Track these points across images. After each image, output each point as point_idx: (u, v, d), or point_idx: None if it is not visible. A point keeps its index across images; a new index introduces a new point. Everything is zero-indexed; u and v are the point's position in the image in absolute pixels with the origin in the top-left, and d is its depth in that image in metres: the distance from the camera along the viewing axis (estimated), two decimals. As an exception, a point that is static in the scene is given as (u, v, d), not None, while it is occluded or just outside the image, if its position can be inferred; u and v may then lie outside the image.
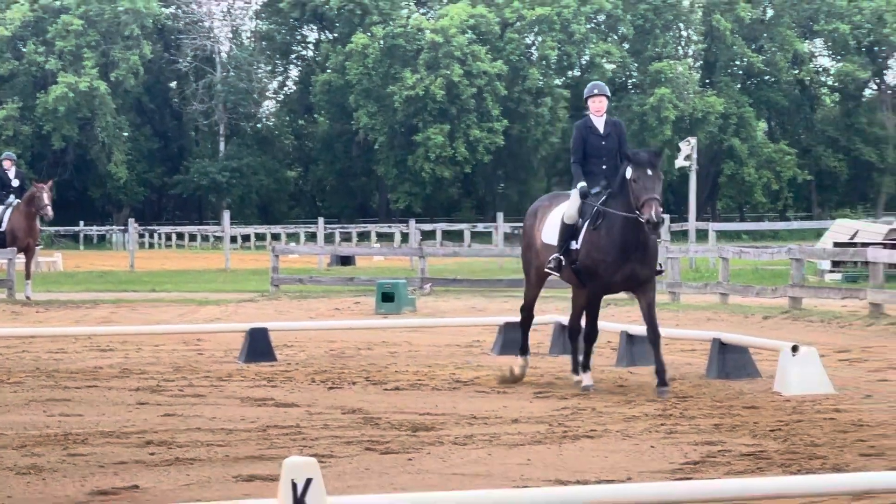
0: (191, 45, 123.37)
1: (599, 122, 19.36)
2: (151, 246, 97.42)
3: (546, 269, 20.19)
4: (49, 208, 43.21)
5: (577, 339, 19.94)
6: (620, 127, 19.76)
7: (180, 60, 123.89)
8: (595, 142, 19.13)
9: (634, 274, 19.42)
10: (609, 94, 19.90)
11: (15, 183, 44.45)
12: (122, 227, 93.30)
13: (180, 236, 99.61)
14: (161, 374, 23.44)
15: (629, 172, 18.70)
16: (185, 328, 29.56)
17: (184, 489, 13.47)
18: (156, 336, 28.82)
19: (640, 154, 18.13)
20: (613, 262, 19.08)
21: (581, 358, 20.45)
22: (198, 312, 35.85)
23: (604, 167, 19.05)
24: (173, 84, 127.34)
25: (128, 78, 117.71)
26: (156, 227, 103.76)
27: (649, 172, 17.94)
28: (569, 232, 19.35)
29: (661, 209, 18.22)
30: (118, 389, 21.41)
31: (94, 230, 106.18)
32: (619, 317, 30.95)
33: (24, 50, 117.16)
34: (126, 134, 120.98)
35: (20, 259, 42.94)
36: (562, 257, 19.49)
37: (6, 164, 45.61)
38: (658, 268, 20.70)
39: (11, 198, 43.47)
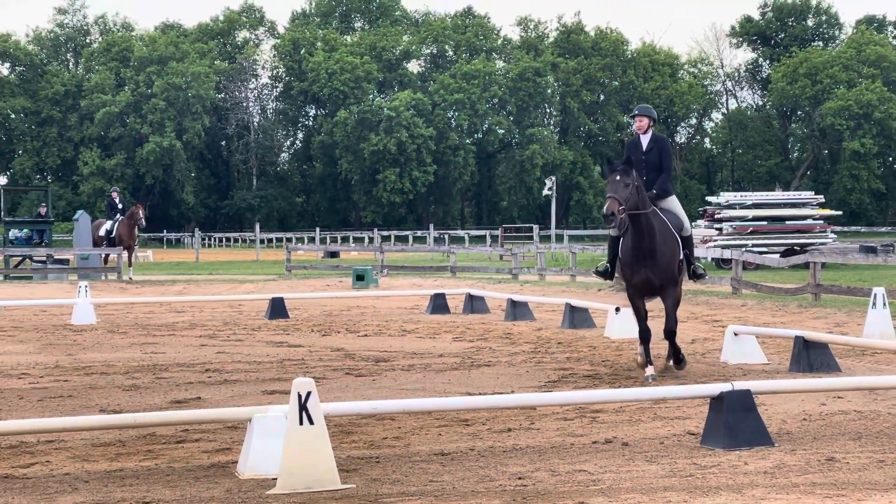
0: (234, 118, 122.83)
1: (644, 139, 15.49)
2: (209, 246, 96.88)
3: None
4: (143, 221, 43.41)
5: (645, 339, 15.01)
6: (662, 143, 15.60)
7: (227, 127, 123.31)
8: (637, 156, 15.28)
9: (649, 280, 14.86)
10: (652, 115, 15.74)
11: (120, 206, 44.80)
12: (191, 234, 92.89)
13: (228, 240, 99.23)
14: (215, 326, 23.38)
15: None
16: (230, 297, 29.46)
17: (229, 399, 13.44)
18: (212, 302, 28.77)
19: (612, 162, 14.84)
20: (630, 267, 14.92)
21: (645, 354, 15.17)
22: (239, 287, 35.72)
23: (645, 179, 15.05)
24: (223, 142, 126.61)
25: (194, 138, 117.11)
26: (212, 234, 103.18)
27: (617, 178, 14.31)
28: (615, 242, 15.29)
29: (621, 206, 14.11)
30: (188, 336, 21.34)
31: (173, 235, 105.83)
32: (506, 289, 30.92)
33: (127, 120, 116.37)
34: (193, 174, 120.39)
35: (125, 253, 42.77)
36: (608, 265, 15.58)
37: (114, 194, 46.08)
38: (687, 273, 15.61)
39: (118, 215, 43.63)
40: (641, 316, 15.20)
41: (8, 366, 16.78)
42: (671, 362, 15.64)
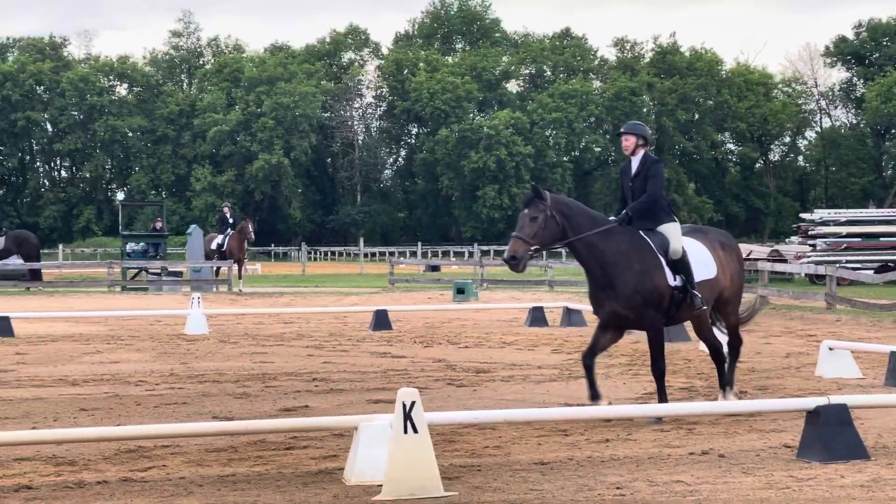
0: (339, 136, 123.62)
1: (634, 162, 13.15)
2: (315, 259, 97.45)
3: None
4: (252, 235, 43.84)
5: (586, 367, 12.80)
6: (650, 166, 13.02)
7: (333, 145, 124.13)
8: (625, 182, 13.19)
9: (617, 314, 12.64)
10: (641, 132, 13.25)
11: (230, 221, 45.12)
12: (297, 248, 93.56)
13: (333, 253, 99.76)
14: (321, 337, 23.50)
15: None
16: (336, 309, 29.61)
17: (336, 408, 13.51)
18: (318, 314, 28.92)
19: (524, 194, 12.77)
20: (593, 299, 13.01)
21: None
22: (344, 300, 35.91)
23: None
24: (328, 160, 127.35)
25: (301, 156, 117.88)
26: (318, 248, 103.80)
27: (525, 211, 12.51)
28: None
29: (529, 245, 12.35)
30: (295, 346, 21.48)
31: (280, 249, 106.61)
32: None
33: (238, 138, 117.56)
34: (299, 190, 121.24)
35: (235, 266, 43.20)
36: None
37: (225, 209, 46.49)
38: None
39: (229, 230, 44.02)
40: (589, 344, 13.18)
41: (126, 373, 17.02)
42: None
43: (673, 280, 12.71)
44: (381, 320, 25.08)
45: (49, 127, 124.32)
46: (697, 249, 13.17)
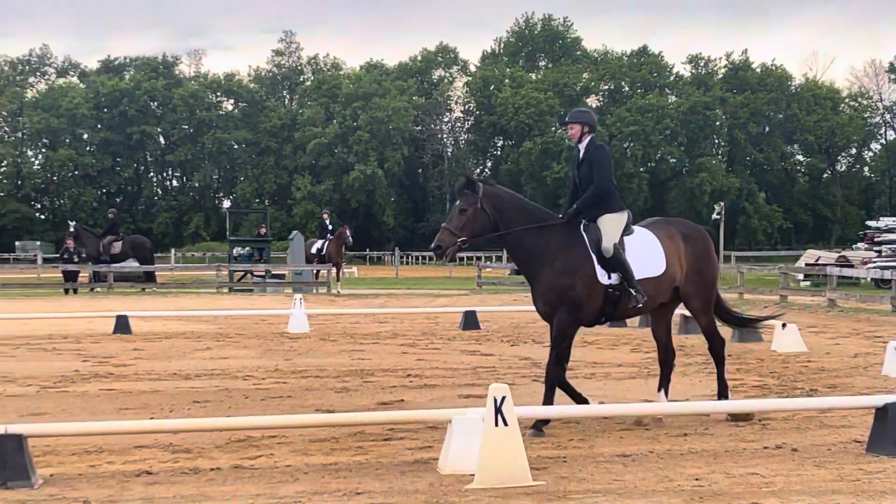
0: (430, 148, 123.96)
1: (581, 150, 11.92)
2: (407, 263, 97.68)
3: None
4: (349, 240, 44.16)
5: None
6: (596, 152, 11.78)
7: (423, 157, 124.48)
8: (573, 172, 12.02)
9: (540, 311, 11.69)
10: (585, 120, 11.86)
11: (329, 227, 45.45)
12: (391, 252, 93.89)
13: (424, 258, 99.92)
14: (414, 335, 23.54)
15: None
16: (427, 310, 29.65)
17: (429, 402, 13.53)
18: (411, 314, 28.96)
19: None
20: (532, 298, 11.82)
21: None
22: (434, 301, 35.96)
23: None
24: (419, 170, 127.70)
25: (394, 166, 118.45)
26: (409, 252, 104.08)
27: (457, 203, 11.53)
28: None
29: (457, 236, 11.35)
30: (390, 345, 21.54)
31: (375, 254, 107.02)
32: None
33: (335, 150, 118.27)
34: (392, 199, 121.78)
35: (334, 269, 43.43)
36: None
37: (325, 216, 46.89)
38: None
39: (328, 235, 44.34)
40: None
41: (234, 369, 17.18)
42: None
43: (607, 277, 11.50)
44: (471, 320, 25.07)
45: (162, 140, 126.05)
46: (647, 243, 11.89)
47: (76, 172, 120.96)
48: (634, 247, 11.79)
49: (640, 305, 11.61)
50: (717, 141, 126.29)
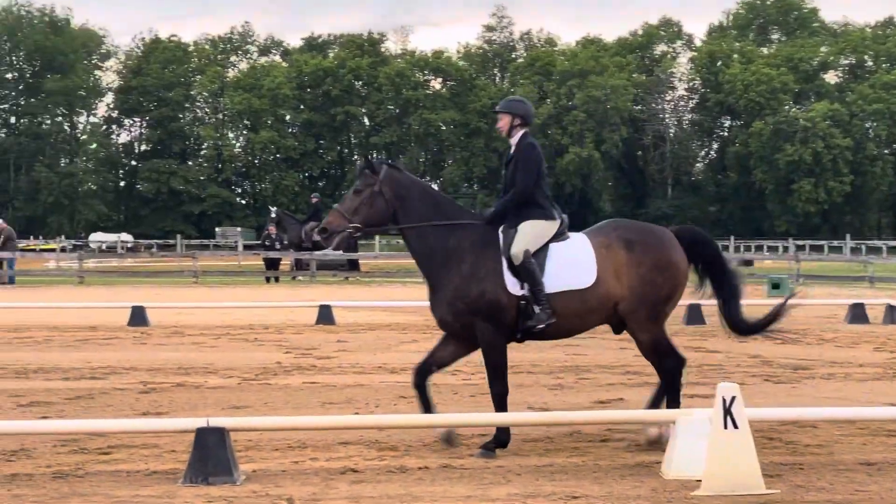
0: (650, 129, 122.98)
1: (512, 147, 11.38)
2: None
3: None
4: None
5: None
6: (523, 149, 11.18)
7: (643, 138, 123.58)
8: (504, 170, 11.33)
9: (441, 320, 10.69)
10: (517, 111, 11.56)
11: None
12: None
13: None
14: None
15: None
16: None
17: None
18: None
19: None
20: (430, 304, 10.90)
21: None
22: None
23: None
24: (639, 153, 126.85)
25: (611, 149, 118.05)
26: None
27: (356, 184, 10.76)
28: None
29: (349, 221, 10.49)
30: (608, 339, 21.37)
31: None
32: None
33: (549, 132, 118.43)
34: (610, 183, 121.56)
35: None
36: None
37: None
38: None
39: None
40: (422, 359, 11.08)
41: (441, 362, 17.35)
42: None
43: (518, 288, 10.45)
44: (695, 315, 24.76)
45: (366, 121, 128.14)
46: (577, 251, 10.81)
47: (278, 155, 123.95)
48: (560, 254, 10.74)
49: (541, 323, 10.44)
50: None
